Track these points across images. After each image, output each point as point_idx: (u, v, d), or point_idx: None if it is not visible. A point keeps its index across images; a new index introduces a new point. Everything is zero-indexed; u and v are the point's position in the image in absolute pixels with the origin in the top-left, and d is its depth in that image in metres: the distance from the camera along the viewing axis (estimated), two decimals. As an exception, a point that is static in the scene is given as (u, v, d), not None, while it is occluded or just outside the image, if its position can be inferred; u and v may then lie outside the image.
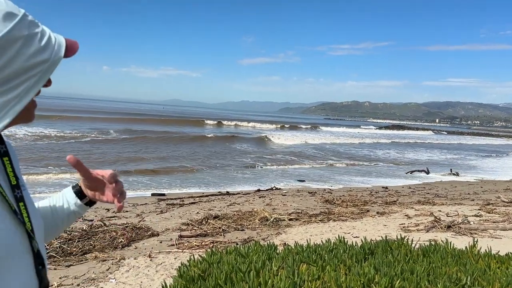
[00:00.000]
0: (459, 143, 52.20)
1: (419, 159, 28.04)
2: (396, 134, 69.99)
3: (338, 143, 38.66)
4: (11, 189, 1.00)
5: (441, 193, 13.37)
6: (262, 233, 7.46)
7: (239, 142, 31.82)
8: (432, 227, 7.67)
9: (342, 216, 9.01)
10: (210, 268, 1.86)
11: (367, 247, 2.33)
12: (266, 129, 56.02)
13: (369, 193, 12.91)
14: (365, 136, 54.76)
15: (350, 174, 18.71)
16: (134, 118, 51.98)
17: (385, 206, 10.33)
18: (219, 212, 9.03)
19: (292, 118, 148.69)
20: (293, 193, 12.49)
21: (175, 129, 39.27)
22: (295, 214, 9.00)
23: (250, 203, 10.40)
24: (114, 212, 8.99)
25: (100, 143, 24.25)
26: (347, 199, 11.12)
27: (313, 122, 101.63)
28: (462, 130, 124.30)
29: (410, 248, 2.51)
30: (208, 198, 11.25)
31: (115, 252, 6.09)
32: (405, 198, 11.90)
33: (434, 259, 2.26)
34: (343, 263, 2.00)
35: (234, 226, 7.85)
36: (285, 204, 10.32)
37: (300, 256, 2.07)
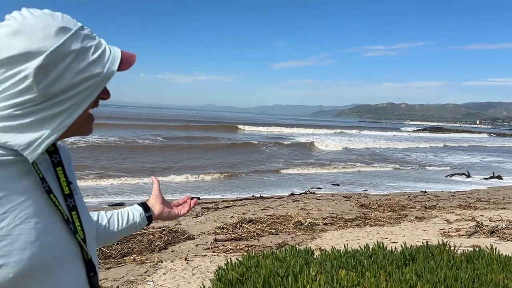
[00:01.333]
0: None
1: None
2: (447, 137, 67.09)
3: (386, 147, 37.14)
4: (64, 198, 1.03)
5: (483, 197, 12.84)
6: (296, 238, 7.40)
7: (282, 148, 30.94)
8: (474, 232, 7.37)
9: (379, 221, 8.81)
10: (247, 272, 1.86)
11: (408, 253, 2.26)
12: (305, 133, 54.27)
13: (407, 197, 12.57)
14: (411, 139, 52.39)
15: (392, 178, 18.32)
16: (176, 125, 52.12)
17: (424, 211, 10.03)
18: (253, 216, 9.04)
19: (326, 121, 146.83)
20: (327, 197, 12.34)
21: (216, 135, 39.20)
22: (330, 219, 8.87)
23: (284, 207, 10.35)
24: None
25: (138, 150, 24.80)
26: (384, 204, 10.87)
27: (352, 125, 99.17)
28: (505, 132, 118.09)
29: (453, 254, 2.42)
30: (242, 202, 11.30)
31: (153, 255, 6.20)
32: (445, 203, 11.51)
33: (479, 265, 2.17)
34: (383, 269, 1.95)
35: (268, 230, 7.83)
36: (320, 208, 10.21)
37: (338, 261, 2.03)
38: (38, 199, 0.96)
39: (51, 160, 1.03)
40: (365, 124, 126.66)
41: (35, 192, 0.96)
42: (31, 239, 0.91)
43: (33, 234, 0.92)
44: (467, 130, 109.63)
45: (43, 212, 0.96)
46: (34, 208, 0.94)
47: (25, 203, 0.93)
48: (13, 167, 0.94)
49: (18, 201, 0.93)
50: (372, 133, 67.22)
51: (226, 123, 65.00)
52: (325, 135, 51.12)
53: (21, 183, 0.94)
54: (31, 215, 0.93)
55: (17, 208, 0.92)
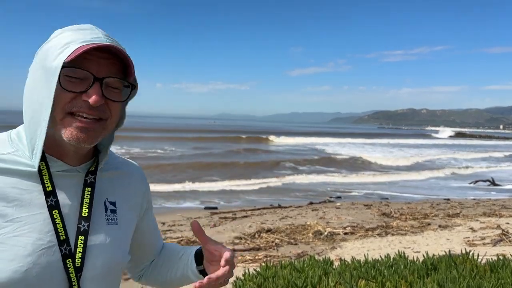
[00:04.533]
0: None
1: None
2: (500, 144, 61.65)
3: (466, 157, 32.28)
4: (79, 220, 0.97)
5: (508, 204, 12.47)
6: (316, 248, 7.32)
7: (332, 165, 25.08)
8: (500, 240, 7.16)
9: (401, 229, 8.65)
10: (265, 282, 1.84)
11: (430, 262, 2.21)
12: (339, 143, 49.33)
13: (430, 205, 12.32)
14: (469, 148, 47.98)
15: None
16: (198, 137, 47.24)
17: (448, 219, 9.80)
18: (271, 225, 8.99)
19: (344, 128, 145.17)
20: (347, 205, 12.19)
21: (238, 146, 36.31)
22: (350, 228, 8.75)
23: (303, 216, 10.27)
24: (169, 225, 9.23)
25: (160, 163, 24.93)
26: (406, 212, 10.67)
27: (378, 132, 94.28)
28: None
29: (476, 263, 2.35)
30: (260, 211, 11.26)
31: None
32: (469, 210, 11.22)
33: (503, 275, 2.09)
34: (404, 279, 1.90)
35: (287, 240, 7.77)
36: (339, 217, 10.08)
37: (358, 271, 2.00)
38: (50, 216, 0.93)
39: (85, 179, 1.00)
40: (390, 131, 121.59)
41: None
42: (24, 253, 0.88)
43: (29, 249, 0.89)
44: (509, 137, 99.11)
45: (42, 228, 0.92)
46: (41, 224, 0.92)
47: (35, 217, 0.92)
48: (35, 179, 0.93)
49: (29, 213, 0.91)
50: (409, 141, 60.60)
51: (251, 132, 59.86)
52: (362, 146, 46.57)
53: (40, 197, 0.93)
54: (36, 230, 0.91)
55: (24, 220, 0.90)
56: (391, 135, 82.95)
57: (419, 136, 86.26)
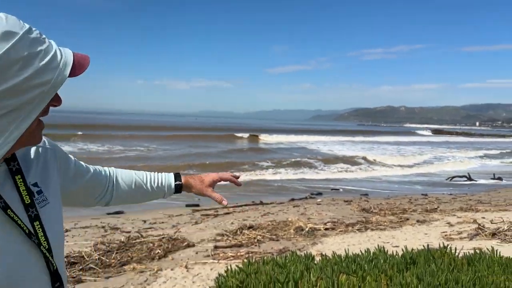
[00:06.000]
0: None
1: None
2: (486, 141, 62.59)
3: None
4: (25, 208, 0.97)
5: (484, 199, 12.81)
6: (297, 243, 7.37)
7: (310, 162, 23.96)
8: (476, 234, 7.34)
9: (380, 225, 8.78)
10: (247, 278, 1.84)
11: (408, 257, 2.25)
12: (329, 141, 48.22)
13: (408, 200, 12.54)
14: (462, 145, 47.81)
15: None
16: (180, 134, 44.96)
17: (426, 214, 10.00)
18: (253, 222, 9.01)
19: (327, 126, 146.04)
20: (328, 201, 12.31)
21: (222, 144, 35.92)
22: (331, 224, 8.84)
23: (285, 213, 10.33)
24: (151, 223, 9.16)
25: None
26: (385, 207, 10.84)
27: (361, 130, 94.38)
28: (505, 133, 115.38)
29: (454, 256, 2.41)
30: (242, 208, 11.26)
31: (152, 263, 6.17)
32: (446, 205, 11.48)
33: (480, 268, 2.15)
34: (384, 273, 1.93)
35: (269, 236, 7.80)
36: (320, 213, 10.18)
37: (339, 266, 2.02)
38: (0, 217, 0.91)
39: (9, 168, 0.97)
40: (373, 128, 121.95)
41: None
42: (2, 257, 0.87)
43: (6, 251, 0.88)
44: (502, 135, 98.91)
45: (4, 230, 0.91)
46: (3, 226, 0.90)
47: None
48: None
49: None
50: (397, 138, 60.46)
51: (235, 130, 58.11)
52: (354, 144, 45.52)
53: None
54: (3, 232, 0.89)
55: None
56: (381, 132, 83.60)
57: (405, 134, 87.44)
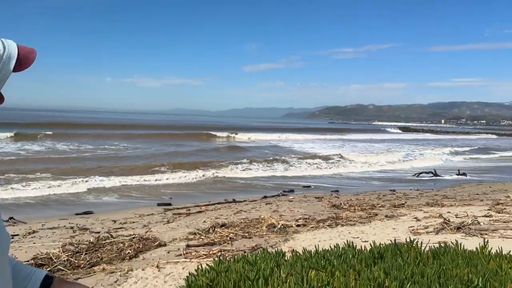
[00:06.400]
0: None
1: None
2: (458, 138, 64.95)
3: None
4: None
5: (449, 194, 13.25)
6: (270, 240, 7.42)
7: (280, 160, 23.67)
8: (442, 229, 7.58)
9: (350, 220, 8.94)
10: (218, 277, 1.84)
11: (376, 251, 2.30)
12: (303, 139, 48.07)
13: (377, 196, 12.82)
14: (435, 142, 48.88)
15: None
16: (151, 133, 43.79)
17: (394, 209, 10.25)
18: (226, 220, 9.00)
19: (299, 124, 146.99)
20: (299, 199, 12.44)
21: (196, 142, 35.94)
22: (303, 220, 8.94)
23: (257, 210, 10.36)
24: (121, 223, 9.00)
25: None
26: (355, 203, 11.04)
27: (334, 128, 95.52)
28: (469, 130, 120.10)
29: (420, 250, 2.48)
30: (214, 206, 11.23)
31: (123, 263, 6.07)
32: (414, 201, 11.80)
33: (445, 261, 2.23)
34: (352, 268, 1.97)
35: (241, 234, 7.81)
36: (292, 210, 10.27)
37: (308, 262, 2.05)
38: None
39: None
40: (344, 126, 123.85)
41: None
42: None
43: None
44: (466, 132, 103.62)
45: None
46: None
47: None
48: None
49: None
50: (368, 136, 61.49)
51: (207, 128, 57.20)
52: (326, 142, 45.65)
53: None
54: None
55: None
56: (345, 130, 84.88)
57: (375, 131, 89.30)
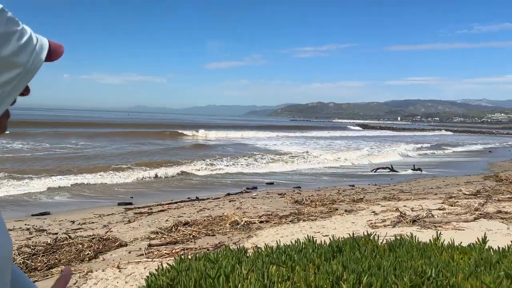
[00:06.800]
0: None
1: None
2: (416, 135, 67.04)
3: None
4: None
5: (405, 189, 13.75)
6: (233, 237, 7.44)
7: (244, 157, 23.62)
8: (398, 222, 7.87)
9: (312, 215, 9.11)
10: (179, 276, 1.83)
11: (335, 245, 2.37)
12: (265, 137, 47.67)
13: (337, 191, 13.12)
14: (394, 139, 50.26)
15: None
16: (110, 132, 42.43)
17: (353, 204, 10.52)
18: (189, 218, 8.94)
19: (262, 121, 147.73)
20: (263, 195, 12.52)
21: (155, 140, 35.80)
22: (266, 216, 9.02)
23: (220, 208, 10.35)
24: (80, 224, 8.73)
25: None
26: (316, 199, 11.25)
27: (298, 125, 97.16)
28: (424, 127, 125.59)
29: (377, 243, 2.57)
30: (177, 205, 11.11)
31: (82, 265, 5.91)
32: (372, 195, 12.16)
33: (400, 253, 2.32)
34: (312, 262, 2.02)
35: (204, 232, 7.79)
36: (255, 207, 10.34)
37: (270, 258, 2.08)
38: None
39: None
40: (306, 123, 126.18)
41: None
42: None
43: None
44: (421, 129, 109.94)
45: None
46: None
47: None
48: None
49: None
50: (330, 133, 62.63)
51: (169, 126, 56.35)
52: (289, 139, 45.76)
53: None
54: None
55: None
56: (308, 127, 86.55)
57: (337, 128, 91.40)
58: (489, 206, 9.09)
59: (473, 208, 8.74)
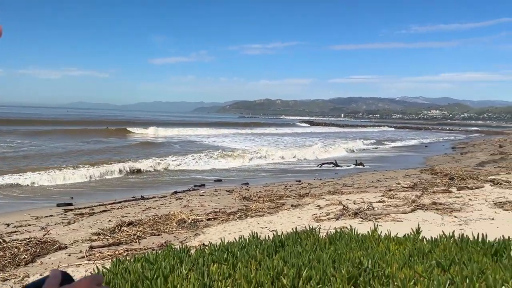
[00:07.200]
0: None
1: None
2: (361, 131, 69.76)
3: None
4: None
5: (348, 183, 14.23)
6: (180, 236, 7.33)
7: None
8: (341, 215, 8.12)
9: (259, 211, 9.18)
10: (115, 278, 1.76)
11: (278, 240, 2.40)
12: (218, 134, 47.18)
13: (284, 187, 13.32)
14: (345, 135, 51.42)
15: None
16: (47, 130, 40.19)
17: (299, 199, 10.72)
18: (133, 218, 8.70)
19: (210, 118, 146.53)
20: (211, 192, 12.45)
21: (97, 138, 35.25)
22: (213, 214, 8.98)
23: (167, 206, 10.17)
24: (15, 226, 8.23)
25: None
26: (264, 195, 11.36)
27: (245, 122, 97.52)
28: (365, 123, 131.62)
29: (318, 237, 2.64)
30: (121, 204, 10.77)
31: (18, 270, 5.58)
32: (317, 190, 12.46)
33: (340, 246, 2.40)
34: (254, 259, 2.02)
35: (150, 232, 7.62)
36: (203, 205, 10.25)
37: (212, 256, 2.06)
38: None
39: None
40: (255, 120, 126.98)
41: None
42: None
43: None
44: (363, 125, 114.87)
45: None
46: None
47: None
48: None
49: None
50: (279, 130, 64.01)
51: (110, 123, 54.31)
52: (238, 136, 45.63)
53: None
54: None
55: None
56: (257, 124, 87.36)
57: (286, 125, 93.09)
58: (425, 198, 9.61)
59: (410, 200, 9.21)
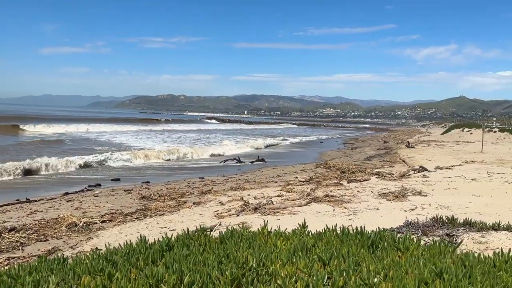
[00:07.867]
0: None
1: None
2: (268, 128, 71.60)
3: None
4: None
5: (250, 178, 14.53)
6: (70, 241, 6.80)
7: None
8: (242, 210, 8.23)
9: (160, 210, 8.91)
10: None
11: (165, 244, 2.30)
12: (111, 131, 44.69)
13: (187, 184, 13.14)
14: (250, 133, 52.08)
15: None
16: None
17: (201, 196, 10.64)
18: (16, 223, 7.87)
19: (108, 113, 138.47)
20: (107, 192, 11.78)
21: None
22: (109, 215, 8.49)
23: (56, 209, 9.38)
24: None
25: None
26: (165, 193, 11.07)
27: (148, 118, 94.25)
28: (267, 120, 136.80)
29: (209, 237, 2.60)
30: (3, 208, 9.68)
31: None
32: (220, 186, 12.50)
33: (230, 245, 2.38)
34: (134, 267, 1.91)
35: (35, 238, 6.96)
36: (98, 206, 9.65)
37: (87, 266, 1.89)
38: None
39: None
40: (159, 116, 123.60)
41: None
42: None
43: None
44: (269, 122, 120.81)
45: None
46: None
47: None
48: None
49: None
50: (186, 127, 63.67)
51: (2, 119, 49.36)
52: (139, 133, 44.15)
53: None
54: None
55: None
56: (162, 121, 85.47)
57: (193, 121, 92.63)
58: (319, 191, 10.17)
59: (305, 193, 9.68)
